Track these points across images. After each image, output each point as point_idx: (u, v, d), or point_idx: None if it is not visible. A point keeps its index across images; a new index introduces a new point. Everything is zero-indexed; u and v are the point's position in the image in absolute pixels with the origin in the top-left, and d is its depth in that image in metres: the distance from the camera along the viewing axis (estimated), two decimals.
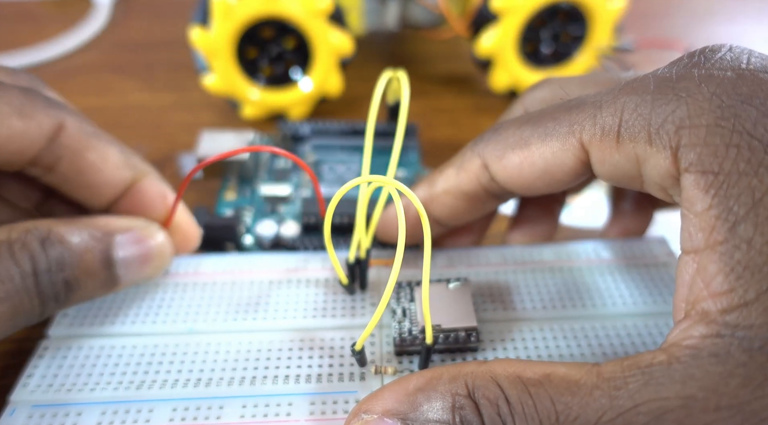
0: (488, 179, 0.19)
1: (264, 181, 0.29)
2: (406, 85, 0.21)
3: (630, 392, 0.13)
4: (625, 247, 0.23)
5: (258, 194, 0.28)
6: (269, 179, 0.29)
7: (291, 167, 0.29)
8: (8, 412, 0.17)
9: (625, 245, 0.23)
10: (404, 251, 0.16)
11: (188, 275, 0.22)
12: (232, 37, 0.32)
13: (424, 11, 0.40)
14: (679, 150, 0.15)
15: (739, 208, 0.14)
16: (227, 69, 0.32)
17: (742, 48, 0.16)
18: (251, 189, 0.28)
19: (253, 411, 0.17)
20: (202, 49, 0.32)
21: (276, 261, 0.23)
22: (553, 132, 0.17)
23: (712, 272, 0.14)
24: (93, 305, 0.21)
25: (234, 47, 0.32)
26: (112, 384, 0.18)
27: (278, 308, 0.21)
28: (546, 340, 0.20)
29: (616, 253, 0.23)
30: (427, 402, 0.15)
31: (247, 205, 0.27)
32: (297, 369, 0.19)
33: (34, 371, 0.18)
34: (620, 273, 0.22)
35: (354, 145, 0.31)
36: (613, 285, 0.22)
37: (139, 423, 0.17)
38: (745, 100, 0.14)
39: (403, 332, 0.19)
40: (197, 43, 0.32)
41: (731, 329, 0.13)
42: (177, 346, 0.19)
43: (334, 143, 0.31)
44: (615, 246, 0.23)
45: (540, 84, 0.22)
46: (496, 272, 0.22)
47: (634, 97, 0.16)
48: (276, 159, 0.30)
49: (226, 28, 0.31)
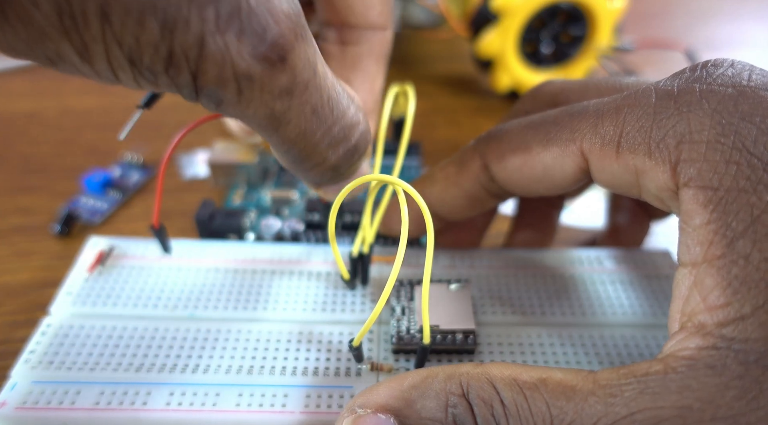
0: (488, 179, 0.20)
1: (271, 188, 0.30)
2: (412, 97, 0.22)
3: (626, 400, 0.14)
4: (628, 257, 0.24)
5: (264, 198, 0.30)
6: (277, 185, 0.30)
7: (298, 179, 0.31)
8: (9, 386, 0.18)
9: (628, 256, 0.24)
10: (407, 249, 0.16)
11: (192, 260, 0.23)
12: None
13: (424, 11, 0.40)
14: (679, 165, 0.15)
15: (737, 224, 0.14)
16: None
17: (744, 64, 0.16)
18: (258, 195, 0.30)
19: (249, 400, 0.18)
20: None
21: (279, 252, 0.24)
22: (554, 138, 0.18)
23: (710, 286, 0.14)
24: (96, 285, 0.22)
25: None
26: (111, 365, 0.19)
27: (279, 299, 0.22)
28: (543, 346, 0.20)
29: (619, 263, 0.24)
30: (421, 400, 0.15)
31: (253, 207, 0.29)
32: (294, 361, 0.19)
33: (36, 347, 0.19)
34: (622, 283, 0.23)
35: None
36: (614, 295, 0.22)
37: (136, 405, 0.18)
38: (745, 117, 0.15)
39: (401, 330, 0.20)
40: None
41: (727, 342, 0.14)
42: (177, 331, 0.20)
43: None
44: (618, 256, 0.24)
45: (541, 86, 0.22)
46: (497, 275, 0.23)
47: (636, 109, 0.16)
48: (284, 171, 0.31)
49: None
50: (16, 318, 0.24)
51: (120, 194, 0.31)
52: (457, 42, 0.44)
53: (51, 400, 0.18)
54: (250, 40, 0.13)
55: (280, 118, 0.15)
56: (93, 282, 0.22)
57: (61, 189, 0.31)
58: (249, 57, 0.13)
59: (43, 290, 0.25)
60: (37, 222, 0.29)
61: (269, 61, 0.13)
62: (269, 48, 0.13)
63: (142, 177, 0.32)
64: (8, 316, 0.24)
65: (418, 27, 0.42)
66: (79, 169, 0.33)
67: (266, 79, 0.13)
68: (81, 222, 0.29)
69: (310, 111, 0.15)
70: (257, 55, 0.13)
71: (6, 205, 0.31)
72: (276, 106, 0.14)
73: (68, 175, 0.32)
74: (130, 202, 0.31)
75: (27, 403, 0.18)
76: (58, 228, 0.28)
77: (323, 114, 0.15)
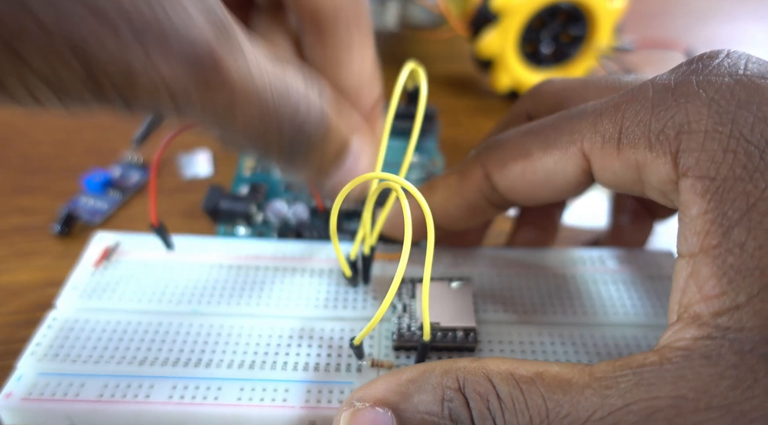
0: (490, 188, 0.20)
1: None
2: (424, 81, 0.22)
3: (621, 391, 0.14)
4: (631, 257, 0.24)
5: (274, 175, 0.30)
6: None
7: None
8: (15, 378, 0.19)
9: (631, 256, 0.24)
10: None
11: (195, 256, 0.23)
12: None
13: (424, 11, 0.41)
14: (679, 155, 0.16)
15: (733, 212, 0.14)
16: None
17: (740, 53, 0.17)
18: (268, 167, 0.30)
19: (250, 394, 0.19)
20: None
21: (283, 249, 0.24)
22: (554, 141, 0.18)
23: (705, 276, 0.15)
24: (102, 280, 0.22)
25: None
26: (115, 358, 0.19)
27: (281, 296, 0.22)
28: (544, 345, 0.21)
29: (621, 263, 0.24)
30: (418, 394, 0.16)
31: (262, 182, 0.29)
32: (296, 356, 0.20)
33: (42, 339, 0.20)
34: (624, 283, 0.23)
35: None
36: (615, 295, 0.23)
37: (139, 398, 0.18)
38: (742, 105, 0.15)
39: (402, 327, 0.20)
40: None
41: (722, 331, 0.14)
42: (180, 326, 0.21)
43: None
44: (621, 256, 0.24)
45: (540, 86, 0.23)
46: (499, 274, 0.23)
47: (634, 105, 0.17)
48: None
49: None
50: (17, 318, 0.24)
51: (120, 194, 0.31)
52: (457, 42, 0.44)
53: (56, 392, 0.18)
54: (169, 49, 0.13)
55: (224, 116, 0.15)
56: (99, 277, 0.22)
57: (61, 189, 0.32)
58: (173, 66, 0.13)
59: (43, 290, 0.26)
60: (37, 222, 0.30)
61: (194, 67, 0.13)
62: (190, 55, 0.13)
63: (142, 177, 0.33)
64: (8, 316, 0.25)
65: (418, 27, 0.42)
66: (79, 169, 0.33)
67: (195, 84, 0.14)
68: (81, 222, 0.30)
69: (251, 106, 0.15)
70: (181, 62, 0.13)
71: (6, 205, 0.31)
72: (215, 107, 0.14)
73: (68, 175, 0.33)
74: (130, 202, 0.31)
75: (32, 394, 0.18)
76: (58, 228, 0.29)
77: (265, 107, 0.15)
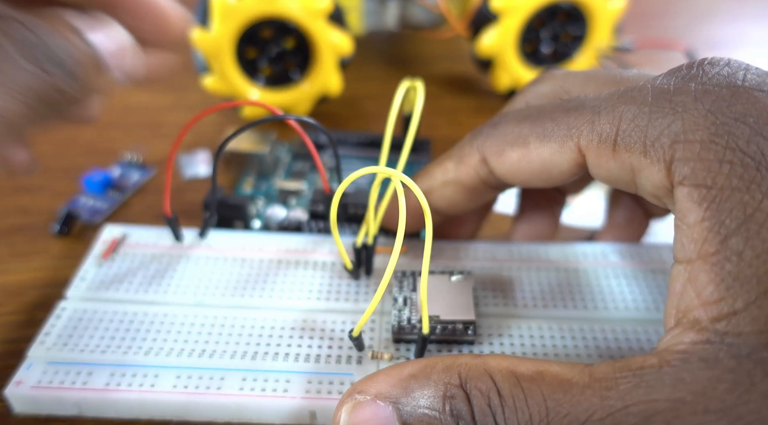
0: (487, 172, 0.21)
1: (281, 178, 0.32)
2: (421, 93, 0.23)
3: (621, 393, 0.15)
4: (633, 252, 0.25)
5: (273, 187, 0.31)
6: (286, 176, 0.32)
7: (309, 169, 0.33)
8: (25, 366, 0.20)
9: (633, 250, 0.25)
10: (411, 241, 0.17)
11: (200, 249, 0.25)
12: (232, 38, 0.34)
13: (424, 11, 0.42)
14: (673, 164, 0.16)
15: (730, 222, 0.15)
16: (227, 69, 0.35)
17: (739, 63, 0.17)
18: (268, 184, 0.32)
19: (252, 384, 0.20)
20: (202, 50, 0.34)
21: (285, 242, 0.25)
22: (552, 133, 0.19)
23: (704, 282, 0.15)
24: (110, 272, 0.23)
25: (234, 47, 0.35)
26: (122, 348, 0.21)
27: (284, 288, 0.23)
28: (543, 339, 0.21)
29: (623, 257, 0.25)
30: (420, 389, 0.16)
31: (261, 196, 0.31)
32: (297, 348, 0.21)
33: (51, 329, 0.21)
34: (626, 277, 0.24)
35: (371, 156, 0.34)
36: (617, 289, 0.23)
37: (144, 387, 0.19)
38: (738, 118, 0.16)
39: (401, 320, 0.21)
40: (197, 44, 0.34)
41: (721, 336, 0.15)
42: (185, 317, 0.22)
43: (350, 154, 0.34)
44: (623, 250, 0.25)
45: (542, 78, 0.23)
46: (501, 267, 0.24)
47: (632, 108, 0.17)
48: (295, 161, 0.33)
49: (226, 28, 0.33)
50: (17, 318, 0.25)
51: (120, 194, 0.32)
52: (457, 42, 0.45)
53: (64, 380, 0.19)
54: None
55: None
56: (107, 269, 0.24)
57: (61, 189, 0.32)
58: None
59: (43, 290, 0.26)
60: (37, 222, 0.30)
61: None
62: None
63: (142, 177, 0.34)
64: (8, 316, 0.25)
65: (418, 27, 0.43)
66: (79, 169, 0.34)
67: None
68: (81, 222, 0.30)
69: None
70: None
71: (6, 205, 0.31)
72: None
73: (68, 175, 0.33)
74: (129, 202, 0.32)
75: (42, 383, 0.19)
76: (58, 228, 0.29)
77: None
